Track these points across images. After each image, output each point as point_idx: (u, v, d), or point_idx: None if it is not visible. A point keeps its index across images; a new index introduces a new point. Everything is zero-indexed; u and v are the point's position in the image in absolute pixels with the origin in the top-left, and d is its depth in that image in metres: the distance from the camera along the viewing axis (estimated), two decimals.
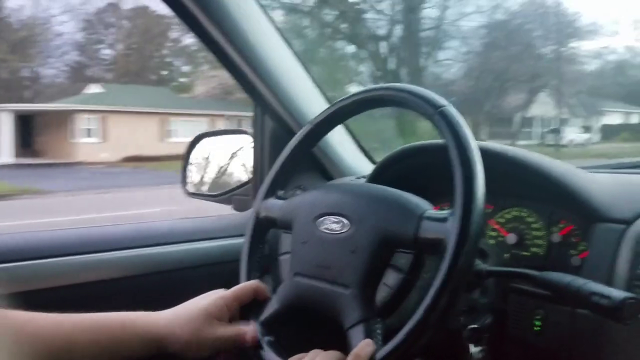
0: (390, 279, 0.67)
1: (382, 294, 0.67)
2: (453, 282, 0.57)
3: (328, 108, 0.80)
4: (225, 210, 1.28)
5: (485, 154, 0.65)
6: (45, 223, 6.02)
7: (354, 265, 0.67)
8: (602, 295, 0.59)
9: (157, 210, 7.10)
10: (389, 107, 0.74)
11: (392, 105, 0.72)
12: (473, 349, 0.71)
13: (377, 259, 0.66)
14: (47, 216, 6.81)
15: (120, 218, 5.83)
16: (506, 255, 0.90)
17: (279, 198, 0.82)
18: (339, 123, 0.83)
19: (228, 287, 1.07)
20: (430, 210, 0.65)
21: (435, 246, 0.61)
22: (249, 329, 0.74)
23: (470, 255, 0.58)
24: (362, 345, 0.62)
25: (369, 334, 0.63)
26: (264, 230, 0.84)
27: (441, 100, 0.66)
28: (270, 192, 0.83)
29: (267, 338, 0.73)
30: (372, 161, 1.26)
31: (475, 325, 0.72)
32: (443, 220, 0.61)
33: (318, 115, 0.81)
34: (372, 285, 0.67)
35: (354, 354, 0.61)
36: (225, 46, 1.02)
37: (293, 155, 0.83)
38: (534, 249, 0.88)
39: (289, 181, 0.86)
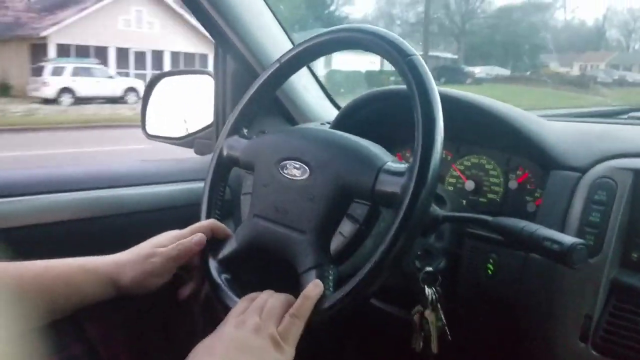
0: (346, 228, 0.68)
1: (336, 242, 0.68)
2: (406, 233, 0.58)
3: (296, 46, 0.78)
4: (186, 154, 1.26)
5: (448, 100, 0.65)
6: None
7: (311, 212, 0.67)
8: (554, 241, 0.61)
9: None
10: (357, 49, 0.72)
11: (360, 49, 0.71)
12: (428, 290, 0.73)
13: (334, 208, 0.67)
14: None
15: None
16: (463, 202, 0.92)
17: (243, 137, 0.81)
18: (307, 62, 0.82)
19: None
20: (390, 163, 0.65)
21: (391, 199, 0.61)
22: (195, 235, 0.74)
23: (424, 208, 0.59)
24: (311, 287, 0.63)
25: (321, 279, 0.64)
26: (226, 169, 0.83)
27: (410, 49, 0.65)
28: (235, 130, 0.82)
29: (224, 276, 0.74)
30: (337, 107, 1.24)
31: (430, 269, 0.74)
32: (400, 174, 0.62)
33: (285, 54, 0.78)
34: (327, 233, 0.67)
35: (303, 295, 0.63)
36: None
37: (259, 93, 0.81)
38: (490, 196, 0.90)
39: (253, 121, 0.84)
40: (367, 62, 13.93)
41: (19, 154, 6.64)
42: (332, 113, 1.20)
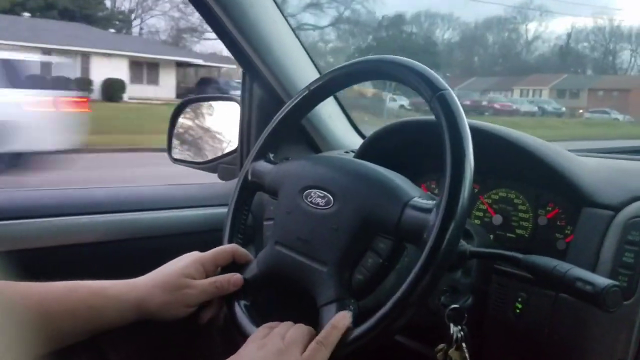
0: (369, 261, 0.66)
1: (358, 275, 0.66)
2: (432, 270, 0.57)
3: (325, 75, 0.78)
4: (210, 179, 1.26)
5: (478, 132, 0.64)
6: None
7: (334, 243, 0.66)
8: (587, 282, 0.59)
9: None
10: (387, 80, 0.72)
11: (390, 79, 0.71)
12: (453, 328, 0.71)
13: (358, 240, 0.66)
14: None
15: None
16: (491, 236, 0.90)
17: (269, 162, 0.81)
18: (336, 91, 0.82)
19: None
20: (416, 198, 0.63)
21: (417, 237, 0.60)
22: (232, 275, 0.74)
23: (451, 247, 0.58)
24: (340, 317, 0.62)
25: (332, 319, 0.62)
26: (251, 193, 0.83)
27: (442, 83, 0.64)
28: (261, 155, 0.82)
29: (242, 302, 0.74)
30: (362, 135, 1.24)
31: (456, 305, 0.72)
32: (427, 211, 0.60)
33: (314, 82, 0.79)
34: (349, 266, 0.66)
35: (331, 324, 0.61)
36: (217, 10, 0.98)
37: (286, 119, 0.82)
38: (519, 231, 0.87)
39: (279, 147, 0.84)
40: None
41: None
42: (356, 142, 1.19)
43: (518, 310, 0.76)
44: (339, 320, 0.61)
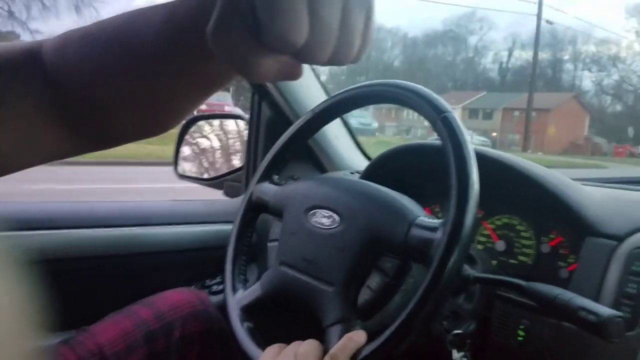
0: (374, 281, 0.66)
1: (364, 295, 0.67)
2: (437, 292, 0.57)
3: (331, 97, 0.78)
4: (215, 195, 1.27)
5: (483, 159, 0.64)
6: None
7: (340, 263, 0.66)
8: (590, 311, 0.59)
9: None
10: (392, 104, 0.73)
11: (396, 103, 0.71)
12: (455, 354, 0.70)
13: (364, 260, 0.66)
14: None
15: None
16: (494, 262, 0.90)
17: (274, 183, 0.81)
18: (341, 114, 0.82)
19: (212, 273, 1.07)
20: (422, 217, 0.64)
21: (423, 254, 0.60)
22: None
23: (457, 268, 0.58)
24: (351, 336, 0.61)
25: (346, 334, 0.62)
26: (255, 214, 0.83)
27: (445, 106, 0.65)
28: (265, 176, 0.82)
29: (246, 324, 0.73)
30: (367, 157, 1.25)
31: (459, 331, 0.72)
32: (433, 229, 0.60)
33: (320, 104, 0.80)
34: (355, 286, 0.66)
35: (347, 337, 0.60)
36: None
37: (292, 140, 0.82)
38: (522, 258, 0.88)
39: (284, 168, 0.85)
40: None
41: None
42: (361, 163, 1.20)
43: (520, 338, 0.76)
44: (356, 334, 0.60)
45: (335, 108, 0.79)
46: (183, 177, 1.28)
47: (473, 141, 0.65)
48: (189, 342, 0.82)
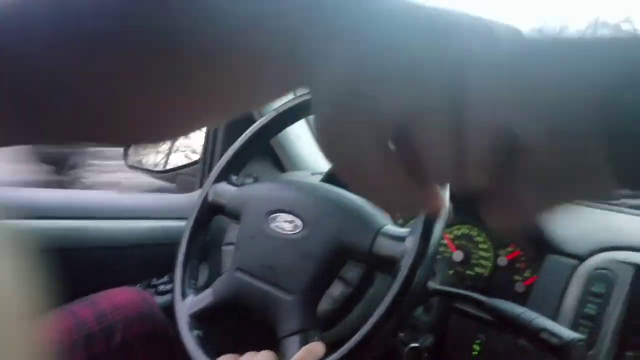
0: (336, 290, 0.64)
1: (324, 305, 0.64)
2: (403, 305, 0.55)
3: (296, 97, 0.75)
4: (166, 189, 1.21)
5: None
6: None
7: (302, 271, 0.63)
8: (552, 333, 0.58)
9: None
10: None
11: None
12: None
13: (327, 268, 0.63)
14: None
15: None
16: (450, 272, 0.89)
17: (231, 184, 0.77)
18: (306, 115, 0.79)
19: (159, 271, 1.02)
20: (388, 226, 0.62)
21: (389, 264, 0.58)
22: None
23: (424, 278, 0.56)
24: (310, 347, 0.58)
25: (304, 346, 0.59)
26: (210, 216, 0.79)
27: None
28: (223, 176, 0.78)
29: (196, 332, 0.69)
30: None
31: (416, 344, 0.70)
32: (400, 239, 0.58)
33: (284, 104, 0.76)
34: (316, 295, 0.63)
35: (306, 349, 0.57)
36: None
37: (252, 140, 0.78)
38: (478, 270, 0.87)
39: (242, 168, 0.81)
40: None
41: None
42: (323, 165, 1.17)
43: (475, 352, 0.75)
44: (315, 346, 0.58)
45: (301, 109, 0.76)
46: (132, 167, 1.22)
47: None
48: (131, 346, 0.77)
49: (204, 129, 1.14)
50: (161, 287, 0.97)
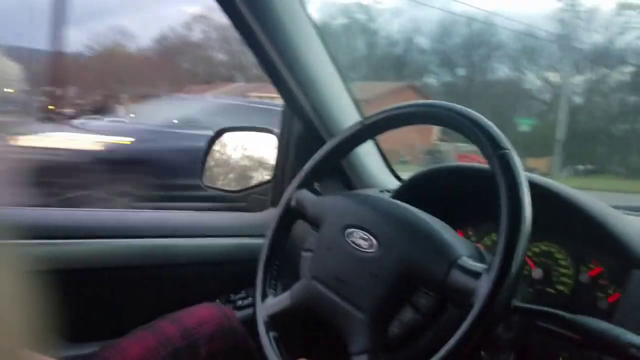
0: (406, 316, 0.64)
1: (394, 329, 0.64)
2: (474, 338, 0.55)
3: (383, 111, 0.76)
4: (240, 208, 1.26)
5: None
6: None
7: (373, 290, 0.64)
8: None
9: None
10: (444, 127, 0.70)
11: (449, 127, 0.68)
12: None
13: (398, 291, 0.63)
14: None
15: None
16: (530, 290, 0.87)
17: (313, 192, 0.79)
18: (391, 129, 0.79)
19: (236, 287, 1.05)
20: (465, 258, 0.61)
21: (462, 298, 0.58)
22: None
23: (499, 315, 0.56)
24: None
25: None
26: (292, 220, 0.81)
27: (505, 142, 0.62)
28: (306, 183, 0.80)
29: (272, 333, 0.72)
30: (397, 177, 1.23)
31: None
32: (476, 275, 0.58)
33: (371, 116, 0.77)
34: (386, 317, 0.64)
35: None
36: (265, 42, 0.99)
37: (336, 149, 0.80)
38: (559, 287, 0.85)
39: (323, 177, 0.83)
40: None
41: None
42: (390, 181, 1.18)
43: None
44: None
45: (387, 122, 0.76)
46: (209, 188, 1.27)
47: None
48: None
49: (274, 152, 1.18)
50: (239, 302, 1.00)
